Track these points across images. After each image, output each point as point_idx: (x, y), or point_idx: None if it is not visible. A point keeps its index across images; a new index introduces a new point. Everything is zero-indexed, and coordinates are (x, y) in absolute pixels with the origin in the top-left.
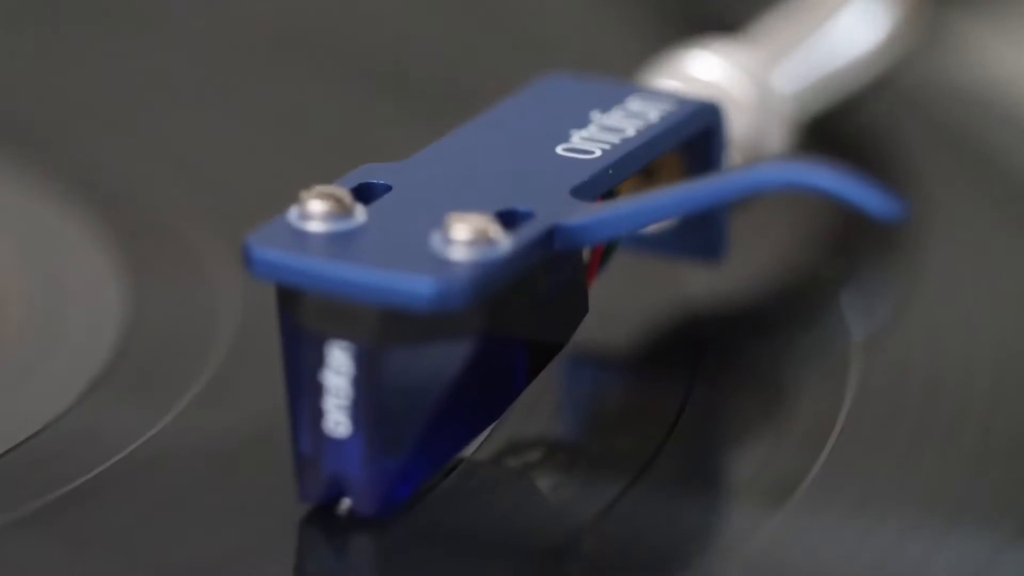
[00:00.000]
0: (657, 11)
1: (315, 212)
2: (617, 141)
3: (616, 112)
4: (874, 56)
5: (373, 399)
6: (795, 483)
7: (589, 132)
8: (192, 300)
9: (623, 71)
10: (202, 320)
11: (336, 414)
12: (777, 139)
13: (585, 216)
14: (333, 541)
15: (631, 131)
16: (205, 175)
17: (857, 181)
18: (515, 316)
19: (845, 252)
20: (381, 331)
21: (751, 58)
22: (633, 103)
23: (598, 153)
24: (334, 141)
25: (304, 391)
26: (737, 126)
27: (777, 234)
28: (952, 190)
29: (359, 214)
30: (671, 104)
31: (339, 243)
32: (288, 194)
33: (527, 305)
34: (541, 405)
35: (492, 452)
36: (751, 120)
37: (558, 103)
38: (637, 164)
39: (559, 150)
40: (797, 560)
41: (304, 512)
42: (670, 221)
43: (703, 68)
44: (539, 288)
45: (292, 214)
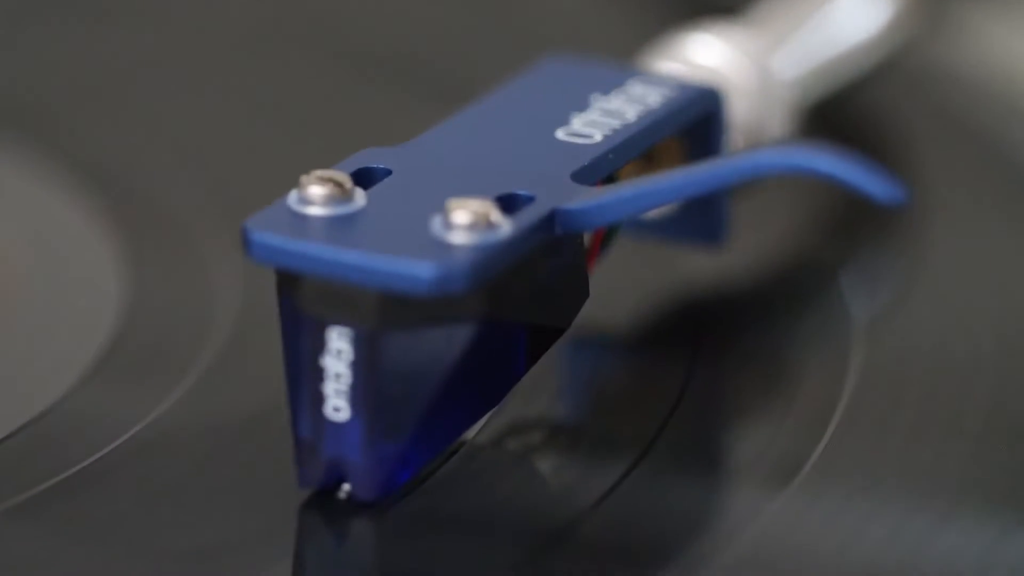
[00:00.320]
0: None
1: (315, 196)
2: (618, 125)
3: (616, 96)
4: (876, 42)
5: (373, 383)
6: (796, 467)
7: (589, 116)
8: (192, 285)
9: (623, 55)
10: (202, 305)
11: (336, 399)
12: (778, 124)
13: (585, 200)
14: (333, 526)
15: (632, 115)
16: (205, 160)
17: (858, 165)
18: (515, 300)
19: (847, 237)
20: (381, 315)
21: (752, 42)
22: (633, 87)
23: (598, 137)
24: (334, 127)
25: (304, 376)
26: (738, 111)
27: (778, 219)
28: (953, 176)
29: (359, 198)
30: (672, 88)
31: (339, 227)
32: (289, 179)
33: (527, 290)
34: (542, 389)
35: (493, 436)
36: (752, 105)
37: (558, 87)
38: (638, 148)
39: (559, 134)
40: (798, 544)
41: (304, 497)
42: (671, 206)
43: (704, 52)
44: (540, 273)
45: (292, 198)
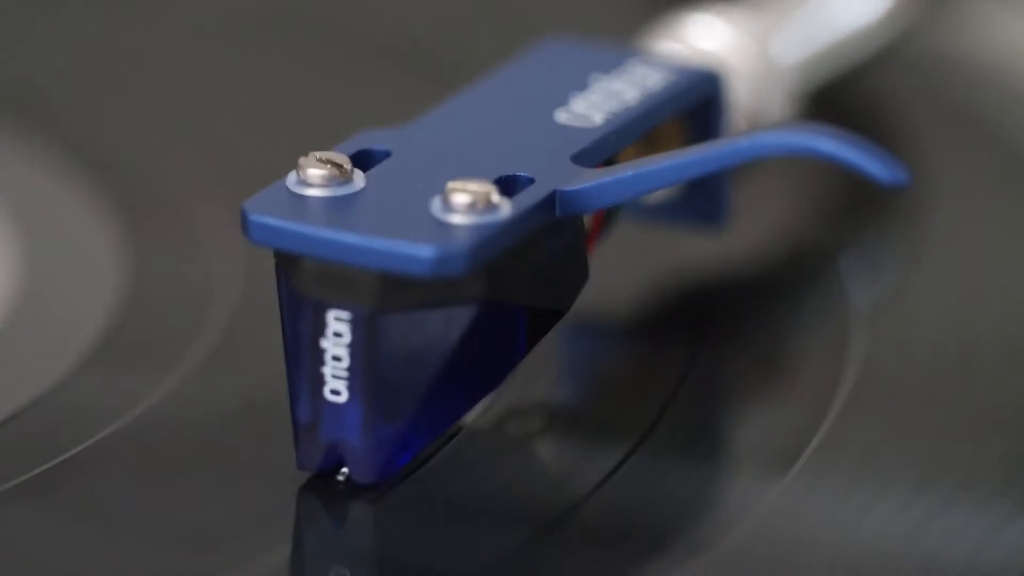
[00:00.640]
0: None
1: (313, 177)
2: (618, 107)
3: (616, 77)
4: (876, 28)
5: (372, 366)
6: (796, 453)
7: (589, 98)
8: (191, 268)
9: (623, 35)
10: (201, 289)
11: (334, 382)
12: (779, 108)
13: (585, 182)
14: (331, 509)
15: (632, 97)
16: (203, 143)
17: (860, 146)
18: (515, 283)
19: (848, 223)
20: (380, 297)
21: (753, 25)
22: (633, 68)
23: (598, 119)
24: (332, 109)
25: (303, 359)
26: (739, 94)
27: (779, 204)
28: (954, 162)
29: (358, 180)
30: (672, 70)
31: (338, 208)
32: (288, 161)
33: (527, 272)
34: (541, 373)
35: (492, 420)
36: (753, 88)
37: (558, 68)
38: (638, 131)
39: (559, 116)
40: (798, 529)
41: (302, 480)
42: (672, 189)
43: (704, 34)
44: (539, 255)
45: (290, 179)
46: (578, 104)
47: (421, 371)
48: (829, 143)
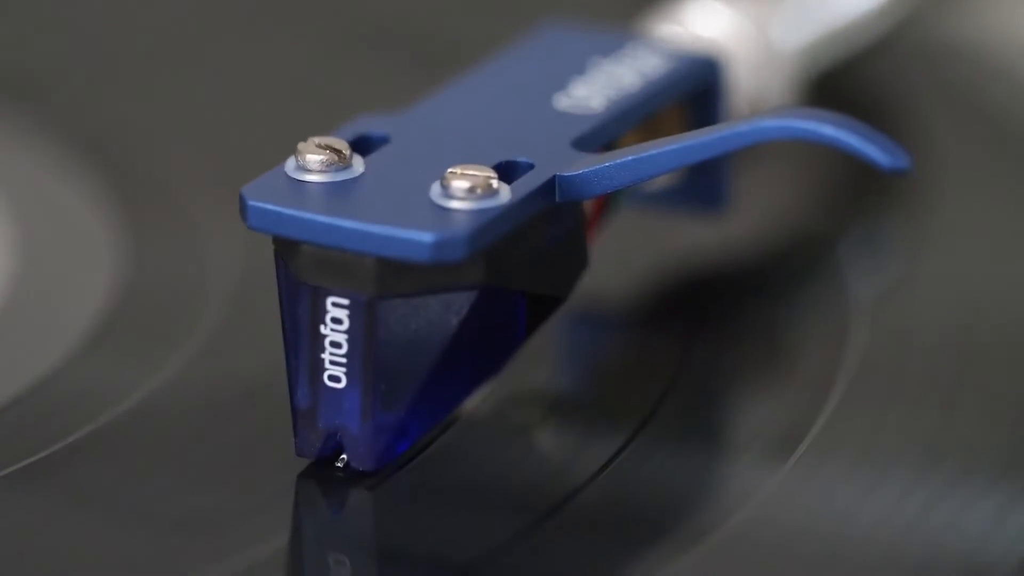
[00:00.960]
0: None
1: (312, 163)
2: (618, 92)
3: (616, 62)
4: (879, 13)
5: (371, 352)
6: (797, 440)
7: (589, 83)
8: (190, 254)
9: (623, 20)
10: (200, 274)
11: (333, 368)
12: (781, 93)
13: (586, 167)
14: (330, 496)
15: (631, 82)
16: (203, 129)
17: (860, 131)
18: (515, 269)
19: (848, 210)
20: (379, 283)
21: (754, 10)
22: (633, 53)
23: (598, 104)
24: (332, 95)
25: (302, 345)
26: (741, 78)
27: (780, 190)
28: (957, 148)
29: (357, 165)
30: (672, 55)
31: (337, 194)
32: (288, 147)
33: (527, 258)
34: (540, 360)
35: (491, 407)
36: (754, 72)
37: (557, 53)
38: (638, 116)
39: (559, 101)
40: (798, 516)
41: (301, 467)
42: (672, 176)
43: (705, 18)
44: (539, 241)
45: (289, 165)
46: (578, 89)
47: (420, 357)
48: (830, 128)
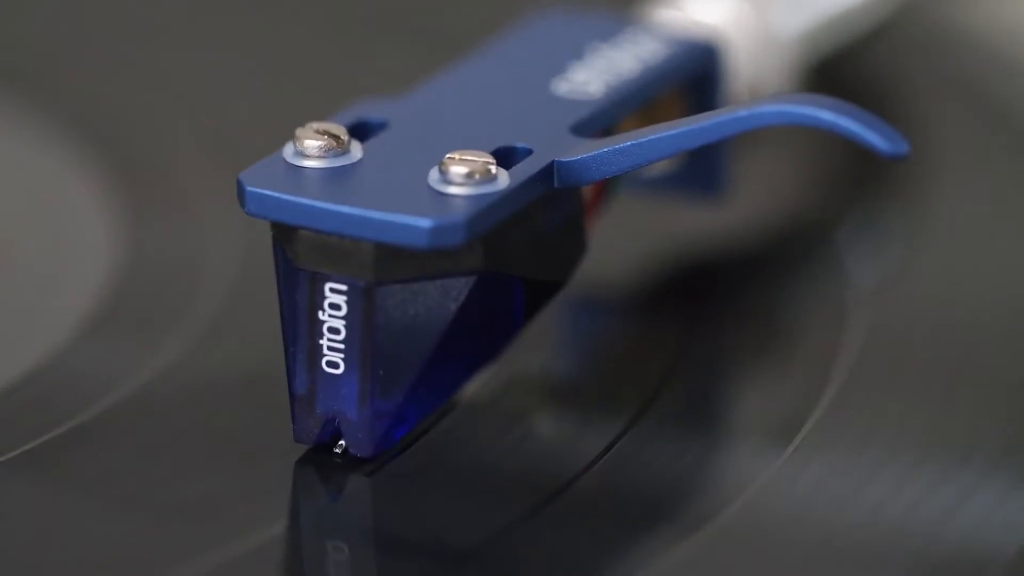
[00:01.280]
0: None
1: (310, 149)
2: (616, 77)
3: (614, 48)
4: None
5: (369, 338)
6: (796, 427)
7: (587, 68)
8: (189, 240)
9: (622, 5)
10: (198, 261)
11: (331, 354)
12: (781, 78)
13: (584, 152)
14: (328, 482)
15: (630, 68)
16: (202, 115)
17: (859, 117)
18: (513, 255)
19: (848, 196)
20: (377, 268)
21: None
22: (632, 39)
23: (597, 90)
24: (330, 80)
25: (300, 331)
26: (740, 64)
27: (779, 176)
28: (956, 134)
29: (355, 151)
30: (671, 40)
31: (335, 180)
32: (286, 133)
33: (526, 244)
34: (539, 346)
35: (489, 393)
36: (754, 58)
37: (556, 38)
38: (637, 101)
39: (557, 87)
40: (798, 502)
41: (299, 453)
42: (671, 161)
43: (704, 4)
44: (538, 227)
45: (287, 151)
46: (576, 74)
47: (418, 343)
48: (829, 113)
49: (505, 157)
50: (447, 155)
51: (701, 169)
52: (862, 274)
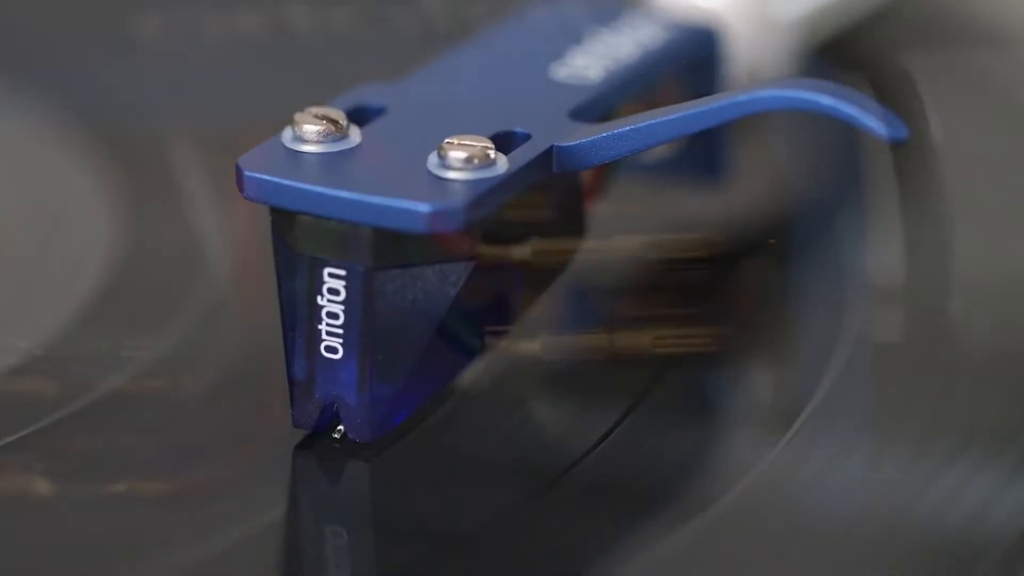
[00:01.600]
0: None
1: (309, 133)
2: (615, 62)
3: (614, 32)
4: None
5: (368, 323)
6: (796, 413)
7: (586, 53)
8: (187, 225)
9: None
10: (196, 247)
11: (330, 339)
12: (781, 63)
13: (583, 137)
14: (327, 467)
15: (629, 52)
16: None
17: (858, 101)
18: (512, 239)
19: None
20: (376, 253)
21: None
22: (631, 23)
23: (596, 74)
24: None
25: (299, 316)
26: (740, 48)
27: (778, 161)
28: (957, 119)
29: (354, 135)
30: (670, 24)
31: (334, 164)
32: (285, 117)
33: (524, 229)
34: (538, 330)
35: (488, 378)
36: (753, 42)
37: (555, 23)
38: (636, 86)
39: (556, 72)
40: (797, 490)
41: (298, 439)
42: (670, 146)
43: None
44: (537, 212)
45: (286, 136)
46: (575, 59)
47: (417, 328)
48: (828, 98)
49: (504, 142)
50: (446, 140)
51: (700, 154)
52: (860, 261)
